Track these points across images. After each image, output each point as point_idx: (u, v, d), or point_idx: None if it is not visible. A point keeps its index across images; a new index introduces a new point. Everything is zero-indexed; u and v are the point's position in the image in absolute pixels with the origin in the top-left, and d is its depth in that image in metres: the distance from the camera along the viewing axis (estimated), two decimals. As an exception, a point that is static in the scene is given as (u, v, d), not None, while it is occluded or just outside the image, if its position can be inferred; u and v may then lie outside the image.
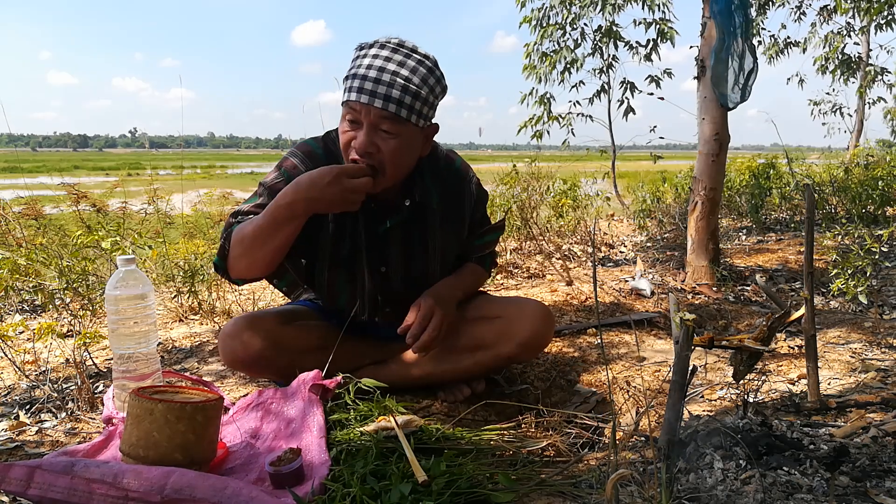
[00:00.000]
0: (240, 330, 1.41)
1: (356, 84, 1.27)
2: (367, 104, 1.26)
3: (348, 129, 1.31)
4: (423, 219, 1.48)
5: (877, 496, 0.91)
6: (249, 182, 17.83)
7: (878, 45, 8.46)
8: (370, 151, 1.29)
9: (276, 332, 1.43)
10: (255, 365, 1.43)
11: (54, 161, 31.64)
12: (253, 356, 1.39)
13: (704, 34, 2.64)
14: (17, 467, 1.00)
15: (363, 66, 1.28)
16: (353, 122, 1.30)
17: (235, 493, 0.95)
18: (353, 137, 1.30)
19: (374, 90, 1.26)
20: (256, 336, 1.40)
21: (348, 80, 1.30)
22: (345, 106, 1.31)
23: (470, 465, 1.10)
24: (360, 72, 1.28)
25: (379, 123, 1.28)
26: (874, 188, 4.00)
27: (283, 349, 1.42)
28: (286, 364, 1.42)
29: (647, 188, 5.08)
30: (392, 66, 1.28)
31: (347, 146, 1.32)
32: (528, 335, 1.47)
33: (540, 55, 6.11)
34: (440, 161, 1.51)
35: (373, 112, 1.27)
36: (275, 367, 1.44)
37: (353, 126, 1.31)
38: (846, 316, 2.17)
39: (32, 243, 2.21)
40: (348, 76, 1.30)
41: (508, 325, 1.48)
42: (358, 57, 1.31)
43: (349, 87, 1.29)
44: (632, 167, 10.36)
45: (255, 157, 62.84)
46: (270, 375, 1.51)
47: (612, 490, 0.76)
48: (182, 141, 9.36)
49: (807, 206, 1.26)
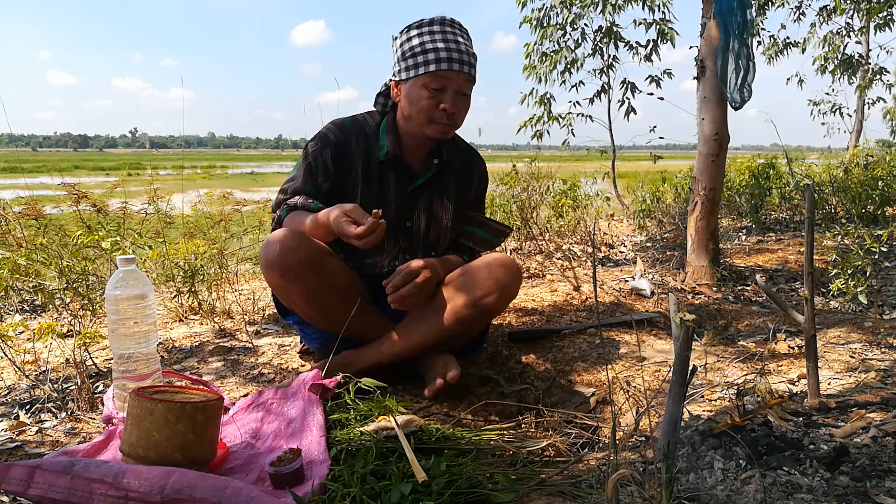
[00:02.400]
0: (291, 235, 1.46)
1: (443, 55, 1.49)
2: (458, 71, 1.50)
3: (431, 97, 1.51)
4: (446, 178, 1.69)
5: (877, 496, 0.91)
6: (249, 182, 17.83)
7: (878, 45, 8.47)
8: (455, 112, 1.54)
9: (320, 252, 1.51)
10: (290, 272, 1.45)
11: (54, 161, 31.65)
12: (294, 262, 1.44)
13: (704, 34, 2.64)
14: (17, 467, 1.00)
15: (436, 41, 1.50)
16: (438, 90, 1.51)
17: (235, 493, 0.95)
18: (438, 103, 1.52)
19: (460, 59, 1.50)
20: (304, 246, 1.47)
21: (421, 55, 1.49)
22: (429, 76, 1.50)
23: (470, 465, 1.10)
24: (440, 45, 1.49)
25: (462, 87, 1.53)
26: (874, 188, 4.00)
27: (320, 270, 1.49)
28: (315, 285, 1.48)
29: (646, 188, 5.08)
30: (459, 39, 1.52)
31: (433, 110, 1.52)
32: (493, 283, 1.52)
33: (540, 55, 6.11)
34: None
35: (461, 78, 1.51)
36: (304, 284, 1.47)
37: (436, 94, 1.51)
38: (846, 316, 2.17)
39: (32, 243, 2.21)
40: (419, 52, 1.50)
41: (474, 276, 1.54)
42: (417, 35, 1.51)
43: (433, 60, 1.48)
44: (632, 167, 10.36)
45: (256, 157, 62.84)
46: (295, 294, 1.51)
47: (613, 490, 0.76)
48: (182, 141, 9.36)
49: (807, 206, 1.26)
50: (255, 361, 1.79)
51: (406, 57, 1.52)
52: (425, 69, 1.49)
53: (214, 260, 2.43)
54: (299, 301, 1.51)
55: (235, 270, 2.82)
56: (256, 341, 1.99)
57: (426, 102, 1.51)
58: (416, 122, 1.55)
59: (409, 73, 1.52)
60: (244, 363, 1.78)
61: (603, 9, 5.80)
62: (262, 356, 1.84)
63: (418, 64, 1.50)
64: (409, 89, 1.53)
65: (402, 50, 1.54)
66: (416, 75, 1.51)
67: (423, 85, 1.51)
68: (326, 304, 1.50)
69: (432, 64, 1.49)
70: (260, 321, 2.20)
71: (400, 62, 1.54)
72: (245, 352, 1.88)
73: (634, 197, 5.08)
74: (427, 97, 1.51)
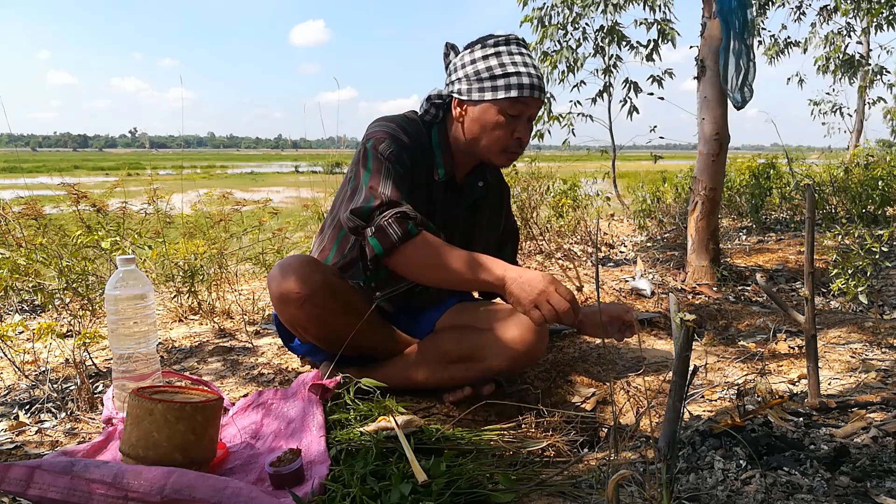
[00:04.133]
0: (304, 262, 1.39)
1: (524, 81, 1.39)
2: (538, 98, 1.42)
3: (506, 124, 1.42)
4: (484, 200, 1.64)
5: (877, 496, 0.91)
6: (249, 182, 17.83)
7: (879, 45, 8.47)
8: (525, 140, 1.46)
9: (334, 275, 1.44)
10: (309, 301, 1.37)
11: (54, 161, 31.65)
12: (312, 292, 1.36)
13: (705, 34, 2.64)
14: (17, 467, 1.00)
15: (516, 63, 1.41)
16: (514, 116, 1.42)
17: (235, 493, 0.95)
18: (512, 130, 1.44)
19: (540, 85, 1.42)
20: (319, 271, 1.40)
21: (501, 78, 1.39)
22: (508, 101, 1.40)
23: (470, 465, 1.10)
24: (521, 69, 1.40)
25: (534, 114, 1.46)
26: (874, 188, 4.00)
27: (336, 295, 1.41)
28: (332, 311, 1.40)
29: (647, 188, 5.08)
30: (532, 62, 1.43)
31: (507, 139, 1.44)
32: (518, 349, 1.42)
33: (541, 55, 6.11)
34: None
35: (537, 104, 1.44)
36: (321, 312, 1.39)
37: (511, 120, 1.43)
38: (846, 316, 2.16)
39: (32, 243, 2.21)
40: (498, 74, 1.39)
41: (499, 337, 1.44)
42: (494, 55, 1.41)
43: (514, 85, 1.39)
44: (632, 167, 10.36)
45: (255, 156, 62.85)
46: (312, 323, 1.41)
47: (613, 490, 0.76)
48: (182, 141, 9.35)
49: (807, 205, 1.26)
50: (254, 361, 1.79)
51: (481, 77, 1.41)
52: (505, 94, 1.39)
53: (214, 260, 2.43)
54: (316, 329, 1.42)
55: (235, 270, 2.82)
56: (256, 341, 1.98)
57: (501, 130, 1.43)
58: (484, 147, 1.46)
59: (484, 95, 1.41)
60: (244, 363, 1.78)
61: (604, 8, 5.79)
62: (261, 356, 1.84)
63: (497, 87, 1.40)
64: (482, 113, 1.43)
65: (474, 68, 1.42)
66: (492, 99, 1.41)
67: (499, 110, 1.41)
68: (343, 329, 1.40)
69: (514, 89, 1.39)
70: (260, 321, 2.20)
71: (471, 81, 1.43)
72: (245, 352, 1.88)
73: (635, 197, 5.08)
74: (502, 123, 1.42)
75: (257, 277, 3.00)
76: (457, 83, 1.46)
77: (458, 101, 1.46)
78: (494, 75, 1.40)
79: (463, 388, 1.50)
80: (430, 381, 1.50)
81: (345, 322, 1.40)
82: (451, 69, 1.49)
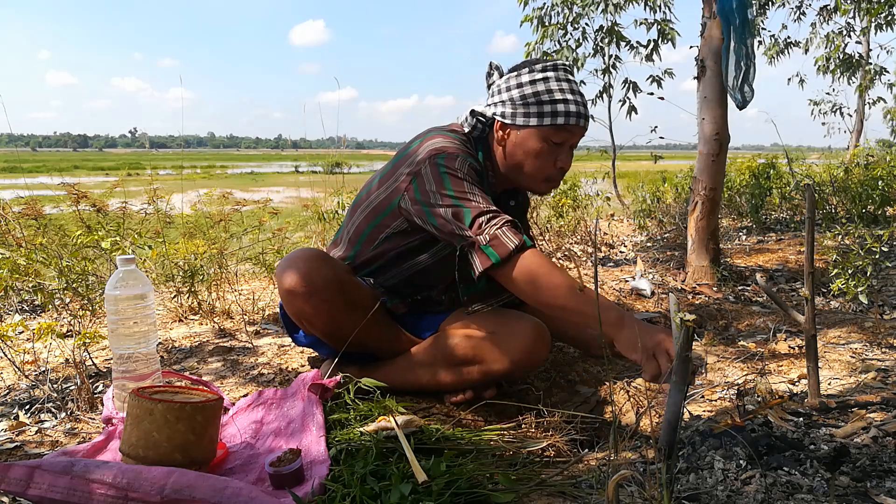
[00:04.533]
0: (314, 255, 1.39)
1: (572, 109, 1.39)
2: (583, 126, 1.42)
3: (550, 151, 1.42)
4: (518, 217, 1.63)
5: (877, 496, 0.91)
6: (249, 182, 17.83)
7: (878, 44, 8.47)
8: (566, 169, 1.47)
9: (343, 271, 1.44)
10: (316, 295, 1.37)
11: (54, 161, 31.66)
12: (321, 286, 1.36)
13: (705, 34, 2.64)
14: (17, 467, 1.00)
15: (563, 90, 1.40)
16: (558, 144, 1.41)
17: (235, 493, 0.95)
18: (555, 158, 1.43)
19: (586, 114, 1.42)
20: (329, 265, 1.40)
21: (549, 104, 1.39)
22: (554, 129, 1.40)
23: (470, 465, 1.10)
24: (569, 97, 1.39)
25: (576, 143, 1.45)
26: (874, 188, 3.99)
27: (345, 290, 1.41)
28: (341, 306, 1.39)
29: (647, 188, 5.08)
30: (578, 89, 1.43)
31: (550, 167, 1.44)
32: (521, 353, 1.42)
33: (541, 55, 6.11)
34: None
35: (582, 133, 1.43)
36: (330, 307, 1.38)
37: (554, 148, 1.42)
38: (846, 316, 2.16)
39: (32, 243, 2.21)
40: (546, 101, 1.39)
41: (503, 341, 1.43)
42: (542, 81, 1.40)
43: (562, 112, 1.38)
44: (632, 167, 10.36)
45: (255, 156, 62.85)
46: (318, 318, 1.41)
47: (614, 490, 0.76)
48: (182, 141, 9.35)
49: (807, 205, 1.26)
50: (254, 361, 1.79)
51: (528, 102, 1.40)
52: (552, 121, 1.39)
53: (214, 260, 2.43)
54: (322, 323, 1.42)
55: (235, 270, 2.82)
56: (256, 341, 1.98)
57: (544, 158, 1.42)
58: (527, 175, 1.46)
59: (530, 121, 1.40)
60: (244, 363, 1.78)
61: (604, 8, 5.79)
62: (261, 356, 1.84)
63: (544, 113, 1.39)
64: (526, 138, 1.41)
65: (521, 92, 1.41)
66: (538, 125, 1.39)
67: (544, 137, 1.40)
68: (349, 325, 1.41)
69: (561, 116, 1.38)
70: (260, 321, 2.20)
71: (516, 105, 1.41)
72: (245, 352, 1.88)
73: (635, 197, 5.08)
74: (545, 151, 1.41)
75: (257, 277, 3.00)
76: (500, 105, 1.44)
77: (502, 125, 1.45)
78: (541, 101, 1.39)
79: (465, 391, 1.50)
80: (432, 383, 1.49)
81: (351, 318, 1.40)
82: (496, 90, 1.47)
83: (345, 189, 3.70)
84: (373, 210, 1.49)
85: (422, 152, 1.41)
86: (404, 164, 1.43)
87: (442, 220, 1.34)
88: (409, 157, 1.44)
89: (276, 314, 2.27)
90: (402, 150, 1.51)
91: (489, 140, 1.51)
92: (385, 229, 1.47)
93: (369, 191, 1.53)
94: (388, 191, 1.46)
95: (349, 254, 1.55)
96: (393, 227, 1.47)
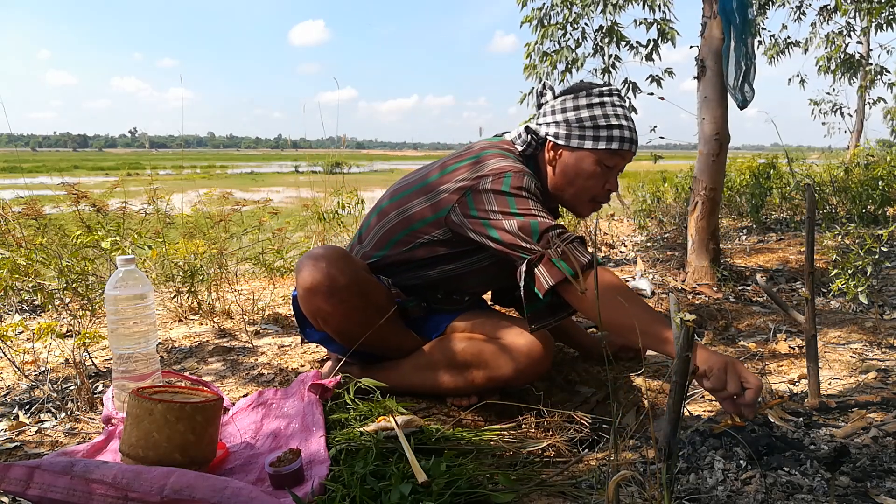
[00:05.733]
0: (336, 254, 1.39)
1: (626, 134, 1.43)
2: (634, 152, 1.46)
3: (601, 174, 1.45)
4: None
5: (877, 496, 0.91)
6: (249, 182, 17.82)
7: (879, 44, 8.47)
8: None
9: (363, 270, 1.44)
10: (336, 295, 1.37)
11: (54, 161, 31.64)
12: (342, 285, 1.36)
13: (705, 34, 2.64)
14: (17, 467, 1.00)
15: (619, 115, 1.44)
16: (610, 168, 1.45)
17: (235, 493, 0.95)
18: (605, 181, 1.46)
19: (637, 139, 1.46)
20: (350, 265, 1.39)
21: (605, 129, 1.42)
22: (608, 153, 1.43)
23: (470, 465, 1.09)
24: (623, 122, 1.43)
25: (624, 168, 1.49)
26: (874, 188, 4.00)
27: (364, 290, 1.41)
28: (359, 306, 1.39)
29: (647, 188, 5.08)
30: (630, 115, 1.47)
31: (599, 190, 1.47)
32: (525, 361, 1.43)
33: (540, 55, 6.10)
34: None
35: (630, 158, 1.47)
36: (348, 306, 1.38)
37: (606, 171, 1.45)
38: (847, 316, 2.16)
39: (32, 243, 2.21)
40: (602, 125, 1.42)
41: (508, 348, 1.44)
42: (599, 105, 1.43)
43: (617, 137, 1.42)
44: (632, 167, 10.32)
45: (255, 156, 62.84)
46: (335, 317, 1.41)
47: (614, 491, 0.76)
48: (182, 141, 9.35)
49: (807, 205, 1.26)
50: (254, 362, 1.79)
51: (584, 126, 1.42)
52: (607, 145, 1.41)
53: (214, 260, 2.43)
54: (337, 322, 1.42)
55: (235, 270, 2.82)
56: (256, 341, 1.98)
57: (594, 180, 1.45)
58: (573, 195, 1.48)
59: (585, 144, 1.42)
60: (244, 363, 1.78)
61: (604, 8, 5.79)
62: (261, 356, 1.84)
63: (599, 137, 1.42)
64: (579, 160, 1.44)
65: (577, 115, 1.43)
66: (594, 148, 1.42)
67: (597, 160, 1.43)
68: (363, 324, 1.41)
69: (615, 141, 1.41)
70: (260, 321, 2.20)
71: (571, 127, 1.43)
72: (245, 352, 1.88)
73: (635, 197, 5.08)
74: (597, 174, 1.44)
75: (257, 277, 3.00)
76: (554, 126, 1.46)
77: (554, 145, 1.46)
78: (598, 125, 1.42)
79: (469, 396, 1.49)
80: (435, 387, 1.49)
81: (366, 318, 1.41)
82: (549, 110, 1.49)
83: (344, 189, 3.70)
84: (409, 217, 1.47)
85: (484, 168, 1.39)
86: (455, 178, 1.42)
87: (505, 232, 1.33)
88: (461, 171, 1.42)
89: (276, 314, 2.27)
90: (451, 159, 1.49)
91: (539, 159, 1.52)
92: (423, 235, 1.46)
93: (405, 197, 1.50)
94: (432, 201, 1.44)
95: (375, 254, 1.54)
96: (433, 235, 1.46)
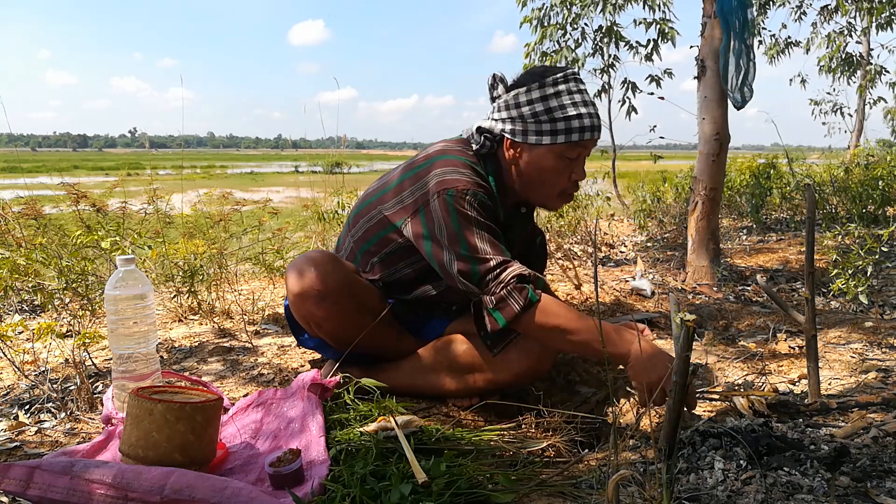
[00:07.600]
0: (325, 258, 1.38)
1: (586, 123, 1.34)
2: (596, 139, 1.38)
3: (565, 167, 1.38)
4: (527, 221, 1.63)
5: (877, 496, 0.91)
6: (249, 182, 17.82)
7: (879, 44, 8.48)
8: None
9: (352, 273, 1.43)
10: (327, 299, 1.36)
11: (54, 161, 31.66)
12: (332, 289, 1.35)
13: (705, 34, 2.64)
14: (17, 467, 1.00)
15: (577, 104, 1.34)
16: (573, 159, 1.38)
17: (235, 493, 0.95)
18: (570, 173, 1.40)
19: (599, 124, 1.37)
20: (340, 268, 1.38)
21: (563, 121, 1.33)
22: (569, 145, 1.35)
23: (470, 465, 1.09)
24: (582, 110, 1.34)
25: (589, 153, 1.42)
26: (874, 188, 4.00)
27: (355, 293, 1.40)
28: (350, 310, 1.39)
29: (647, 188, 5.08)
30: (589, 98, 1.37)
31: (565, 183, 1.41)
32: (525, 364, 1.44)
33: (540, 55, 6.11)
34: None
35: (594, 143, 1.40)
36: (340, 310, 1.37)
37: (569, 163, 1.38)
38: (847, 316, 2.16)
39: (32, 243, 2.20)
40: (559, 118, 1.33)
41: (508, 350, 1.41)
42: (554, 96, 1.34)
43: (576, 129, 1.33)
44: (632, 167, 10.36)
45: (255, 156, 62.85)
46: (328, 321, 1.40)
47: (614, 491, 0.75)
48: (181, 141, 9.34)
49: (807, 205, 1.26)
50: (254, 361, 1.79)
51: (539, 120, 1.33)
52: (566, 138, 1.33)
53: (214, 260, 2.43)
54: (331, 327, 1.40)
55: (235, 270, 2.81)
56: (256, 341, 1.98)
57: (559, 175, 1.38)
58: (540, 192, 1.42)
59: (543, 139, 1.34)
60: (244, 363, 1.78)
61: (603, 8, 5.79)
62: (261, 356, 1.84)
63: (557, 131, 1.33)
64: (541, 157, 1.36)
65: (531, 109, 1.34)
66: (552, 143, 1.34)
67: (559, 154, 1.36)
68: (357, 328, 1.39)
69: (575, 133, 1.33)
70: (259, 321, 2.20)
71: (527, 122, 1.35)
72: (245, 352, 1.88)
73: (635, 197, 5.08)
74: (561, 168, 1.37)
75: (257, 277, 2.99)
76: (510, 122, 1.38)
77: (512, 143, 1.39)
78: (555, 118, 1.33)
79: (469, 398, 1.49)
80: (436, 388, 1.49)
81: (359, 321, 1.40)
82: (502, 105, 1.40)
83: (344, 189, 3.70)
84: (378, 223, 1.46)
85: (431, 181, 1.35)
86: (412, 187, 1.39)
87: (447, 270, 1.33)
88: (419, 179, 1.38)
89: (276, 314, 2.27)
90: (410, 164, 1.45)
91: (499, 156, 1.44)
92: (390, 244, 1.45)
93: (375, 201, 1.48)
94: (394, 209, 1.42)
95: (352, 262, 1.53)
96: (399, 242, 1.44)
